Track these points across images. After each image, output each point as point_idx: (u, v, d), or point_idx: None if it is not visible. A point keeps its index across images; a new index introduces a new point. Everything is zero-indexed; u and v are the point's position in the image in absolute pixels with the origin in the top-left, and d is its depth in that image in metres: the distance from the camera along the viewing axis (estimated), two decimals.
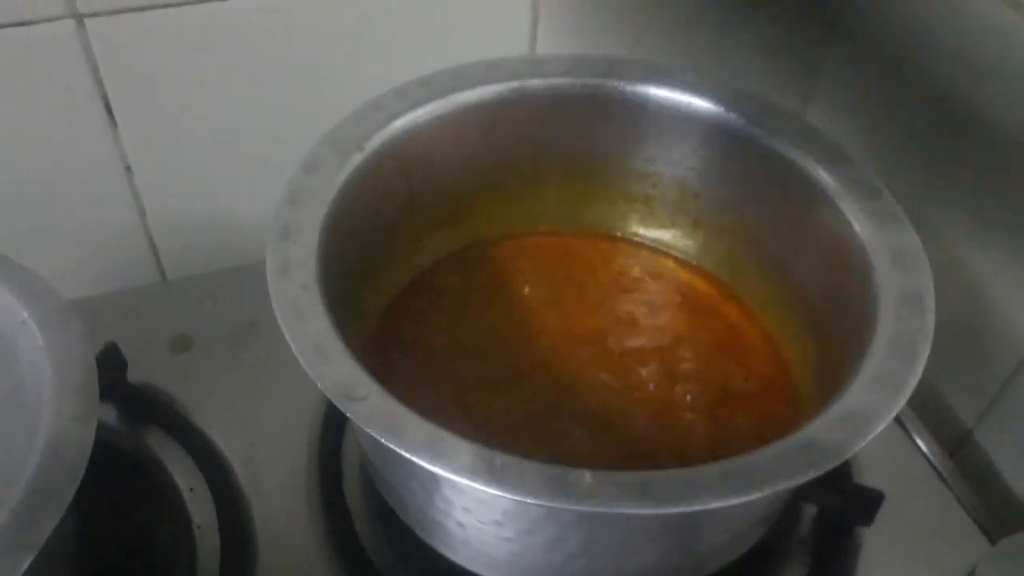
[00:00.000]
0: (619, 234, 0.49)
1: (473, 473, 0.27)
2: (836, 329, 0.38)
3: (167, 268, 0.55)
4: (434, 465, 0.27)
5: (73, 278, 0.47)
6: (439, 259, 0.46)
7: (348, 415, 0.29)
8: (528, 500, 0.26)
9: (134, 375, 0.46)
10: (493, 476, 0.27)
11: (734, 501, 0.26)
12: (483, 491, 0.28)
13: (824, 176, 0.39)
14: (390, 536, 0.41)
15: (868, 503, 0.40)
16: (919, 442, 0.47)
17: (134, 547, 0.40)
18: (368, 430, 0.28)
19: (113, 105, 0.47)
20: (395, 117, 0.40)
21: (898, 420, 0.46)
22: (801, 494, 0.40)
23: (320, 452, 0.44)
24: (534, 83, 0.44)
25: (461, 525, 0.33)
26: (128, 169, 0.50)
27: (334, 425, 0.45)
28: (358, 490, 0.43)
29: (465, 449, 0.28)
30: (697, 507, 0.26)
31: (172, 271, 0.55)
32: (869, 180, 0.39)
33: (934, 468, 0.45)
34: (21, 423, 0.32)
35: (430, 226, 0.45)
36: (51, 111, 0.46)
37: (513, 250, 0.48)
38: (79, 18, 0.44)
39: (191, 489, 0.43)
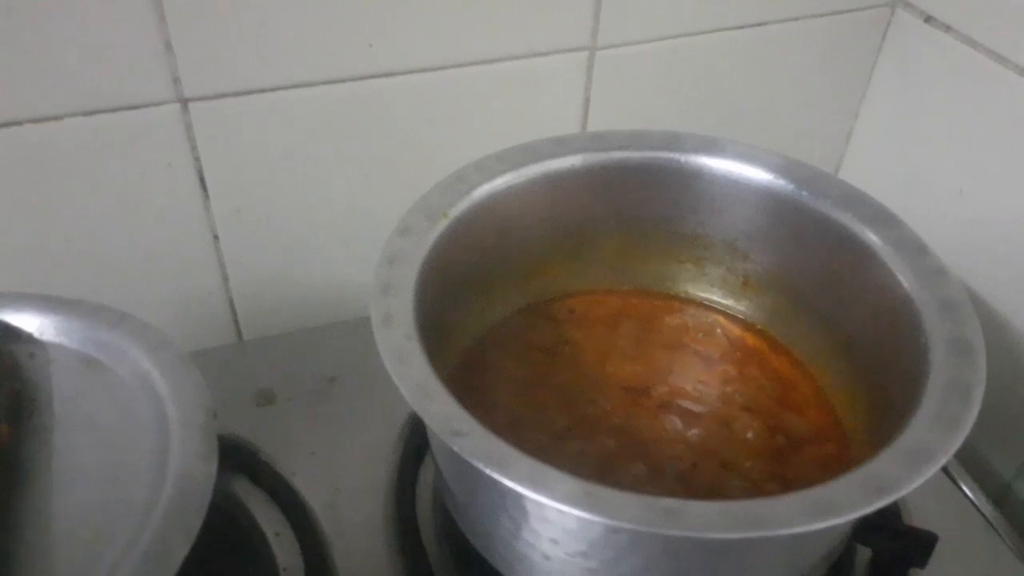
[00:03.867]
0: (672, 292, 0.52)
1: (576, 502, 0.30)
2: (886, 375, 0.41)
3: (244, 329, 0.58)
4: (539, 495, 0.30)
5: None
6: (508, 314, 0.50)
7: (455, 449, 0.32)
8: (629, 527, 0.29)
9: (219, 427, 0.48)
10: (595, 504, 0.30)
11: (817, 526, 0.29)
12: (576, 520, 0.30)
13: (871, 236, 0.42)
14: (463, 571, 0.43)
15: (923, 545, 0.41)
16: (964, 489, 0.49)
17: None
18: (474, 463, 0.31)
19: (207, 179, 0.51)
20: (475, 187, 0.44)
21: (944, 468, 0.48)
22: (857, 536, 0.42)
23: (397, 495, 0.47)
24: (597, 156, 0.48)
25: (547, 557, 0.36)
26: (216, 238, 0.54)
27: (409, 470, 0.48)
28: (432, 529, 0.45)
29: (566, 481, 0.31)
30: (782, 531, 0.29)
31: (248, 332, 0.59)
32: (914, 238, 0.42)
33: (981, 513, 0.47)
34: (147, 462, 0.34)
35: (500, 284, 0.49)
36: (151, 184, 0.50)
37: (573, 306, 0.51)
38: (184, 102, 0.48)
39: (276, 534, 0.45)
